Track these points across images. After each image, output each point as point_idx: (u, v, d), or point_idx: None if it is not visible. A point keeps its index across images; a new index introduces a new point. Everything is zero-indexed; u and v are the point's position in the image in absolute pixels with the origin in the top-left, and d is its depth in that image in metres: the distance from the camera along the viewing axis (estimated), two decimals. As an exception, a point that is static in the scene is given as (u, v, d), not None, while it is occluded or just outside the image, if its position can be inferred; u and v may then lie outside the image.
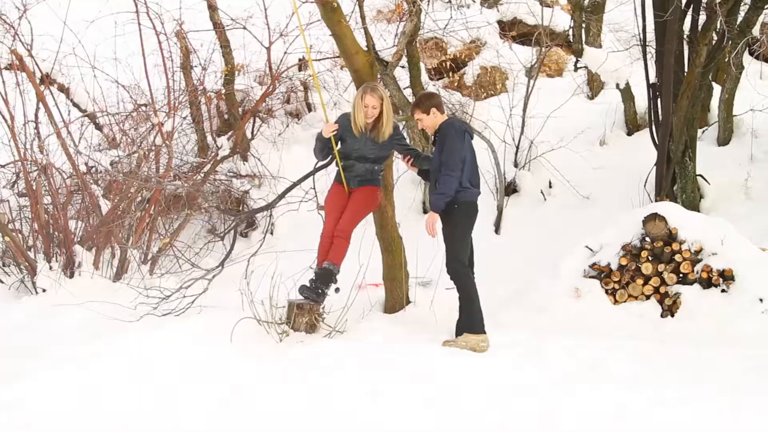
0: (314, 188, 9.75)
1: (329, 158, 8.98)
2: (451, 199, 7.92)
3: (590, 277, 9.52)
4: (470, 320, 7.92)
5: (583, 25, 13.74)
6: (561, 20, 17.58)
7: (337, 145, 8.51)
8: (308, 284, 8.16)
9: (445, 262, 8.09)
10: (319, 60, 15.86)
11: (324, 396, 6.31)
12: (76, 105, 14.44)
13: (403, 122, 12.84)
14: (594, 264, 9.54)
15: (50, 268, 11.18)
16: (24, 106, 12.33)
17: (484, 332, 7.88)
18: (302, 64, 16.82)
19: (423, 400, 6.14)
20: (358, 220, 8.45)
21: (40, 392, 6.45)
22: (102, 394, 6.45)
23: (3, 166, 12.85)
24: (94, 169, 13.01)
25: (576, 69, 14.76)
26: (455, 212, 7.98)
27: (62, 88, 14.23)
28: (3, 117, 11.92)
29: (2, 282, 11.67)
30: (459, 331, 8.12)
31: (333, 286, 8.24)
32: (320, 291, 8.12)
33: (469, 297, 7.94)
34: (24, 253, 11.35)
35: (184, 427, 5.81)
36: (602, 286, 9.38)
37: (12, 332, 9.14)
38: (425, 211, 13.69)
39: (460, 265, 7.97)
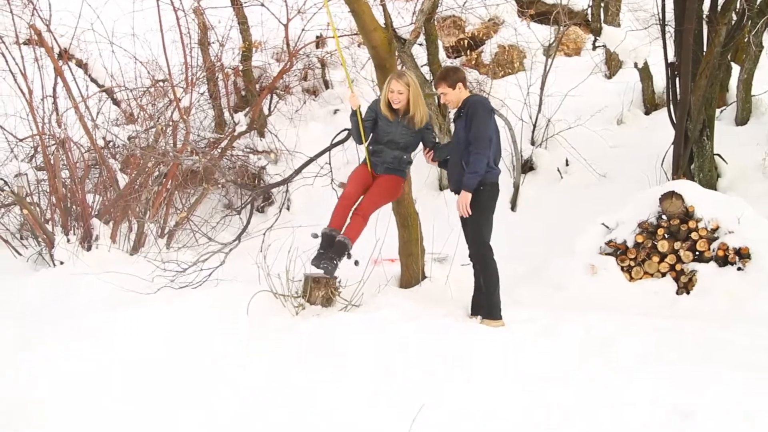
0: (330, 164, 9.75)
1: (347, 134, 8.96)
2: (472, 188, 7.79)
3: (606, 254, 9.53)
4: (490, 305, 7.90)
5: (602, 4, 13.70)
6: (579, -1, 17.55)
7: (368, 129, 8.40)
8: (323, 252, 8.10)
9: (471, 245, 8.00)
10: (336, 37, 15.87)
11: (339, 369, 6.32)
12: (93, 80, 14.52)
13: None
14: (610, 241, 9.54)
15: (68, 241, 11.26)
16: (42, 81, 12.42)
17: (501, 318, 7.88)
18: (320, 42, 16.84)
19: (438, 373, 6.14)
20: (379, 203, 8.37)
21: (53, 361, 6.50)
22: (117, 362, 6.49)
23: (21, 140, 12.94)
24: (111, 143, 13.08)
25: (594, 48, 14.73)
26: (482, 194, 7.85)
27: (80, 64, 14.31)
28: (22, 91, 11.99)
29: (20, 254, 11.78)
30: (474, 309, 8.13)
31: (353, 258, 8.15)
32: (335, 261, 8.03)
33: (492, 283, 7.90)
34: (42, 226, 11.43)
35: (197, 396, 5.84)
36: (618, 264, 9.39)
37: (29, 303, 9.20)
38: (441, 188, 13.71)
39: (487, 250, 7.91)
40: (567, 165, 13.82)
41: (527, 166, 14.05)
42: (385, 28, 8.98)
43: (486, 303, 7.91)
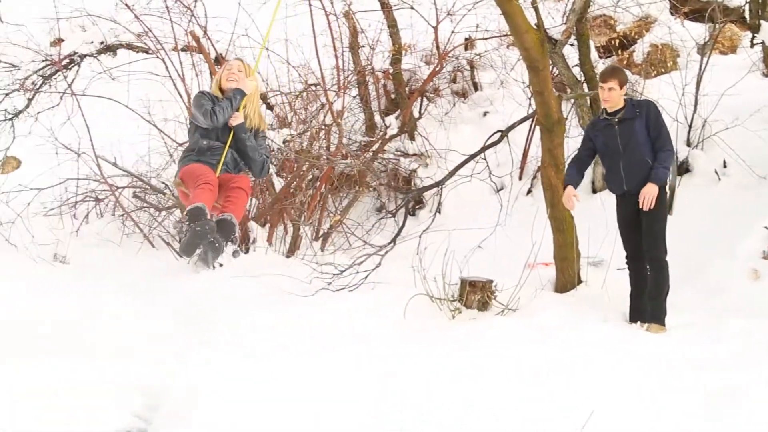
0: (485, 158, 9.70)
1: (499, 136, 8.88)
2: (663, 182, 7.83)
3: (770, 258, 9.28)
4: (660, 311, 7.86)
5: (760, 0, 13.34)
6: (736, -5, 17.08)
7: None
8: (200, 229, 6.80)
9: (651, 247, 7.93)
10: (486, 39, 15.90)
11: (494, 371, 6.33)
12: (248, 85, 14.80)
13: (572, 99, 12.77)
14: (774, 245, 9.29)
15: (226, 243, 11.51)
16: (200, 86, 12.72)
17: (665, 324, 7.78)
18: (469, 44, 16.83)
19: (597, 376, 6.11)
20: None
21: (227, 356, 6.71)
22: (274, 361, 6.66)
23: (181, 145, 13.29)
24: (267, 147, 13.34)
25: (752, 45, 14.32)
26: (665, 198, 7.92)
27: (236, 68, 14.61)
28: (180, 96, 12.32)
29: (181, 256, 12.11)
30: (634, 315, 8.05)
31: (232, 247, 7.20)
32: (218, 244, 7.00)
33: (665, 290, 7.90)
34: (203, 229, 11.73)
35: (348, 395, 5.93)
36: (785, 270, 9.12)
37: (191, 304, 9.47)
38: (594, 191, 13.53)
39: (665, 253, 7.90)
40: (725, 167, 13.45)
41: (683, 168, 13.73)
42: (537, 29, 8.94)
43: (654, 308, 7.83)
